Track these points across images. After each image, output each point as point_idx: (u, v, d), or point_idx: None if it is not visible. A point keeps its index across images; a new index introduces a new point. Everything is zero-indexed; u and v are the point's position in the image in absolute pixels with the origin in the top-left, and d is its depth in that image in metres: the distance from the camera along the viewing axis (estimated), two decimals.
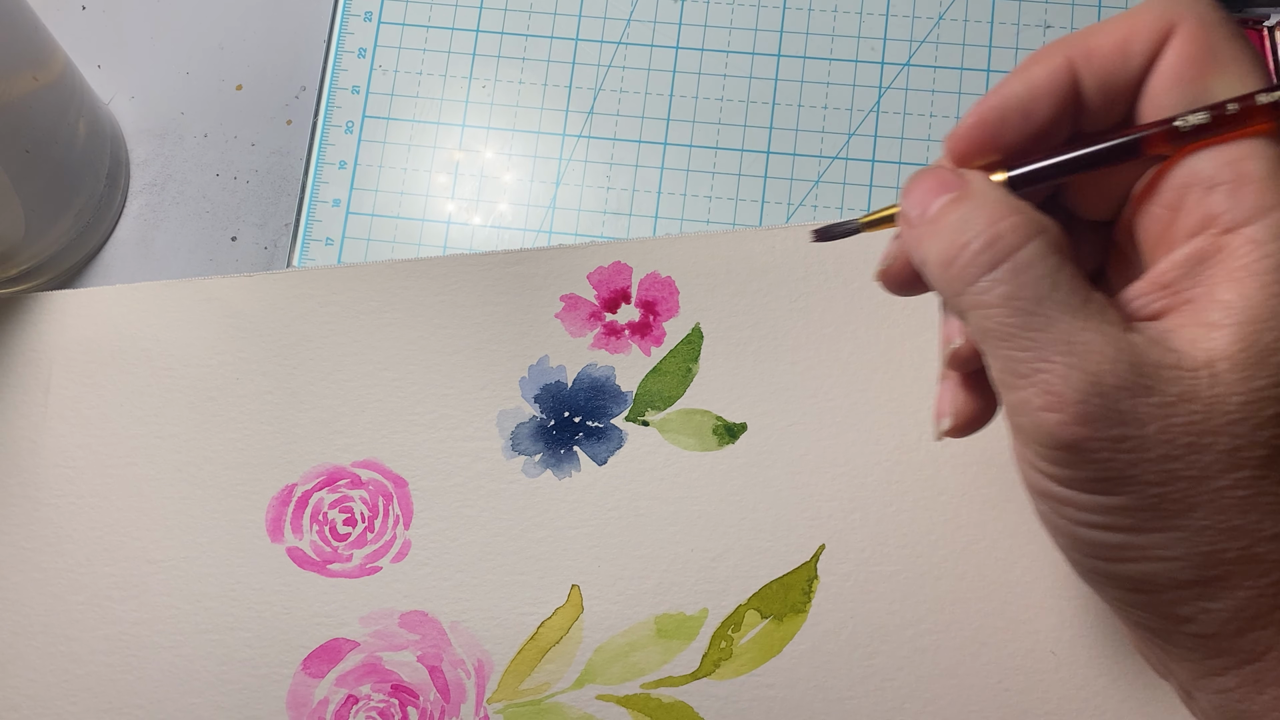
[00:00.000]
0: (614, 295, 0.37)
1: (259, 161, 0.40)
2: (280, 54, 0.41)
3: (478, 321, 0.37)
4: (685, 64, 0.39)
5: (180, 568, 0.36)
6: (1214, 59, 0.23)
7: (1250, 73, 0.23)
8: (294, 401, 0.36)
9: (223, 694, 0.35)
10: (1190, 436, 0.21)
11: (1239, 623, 0.22)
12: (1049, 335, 0.22)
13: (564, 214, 0.39)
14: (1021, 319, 0.22)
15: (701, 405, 0.36)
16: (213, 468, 0.36)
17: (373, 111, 0.40)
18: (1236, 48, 0.23)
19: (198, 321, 0.37)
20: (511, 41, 0.40)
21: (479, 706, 0.34)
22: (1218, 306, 0.22)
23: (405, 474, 0.36)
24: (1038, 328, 0.22)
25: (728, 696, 0.34)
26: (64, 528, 0.36)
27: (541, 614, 0.35)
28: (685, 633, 0.34)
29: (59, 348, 0.37)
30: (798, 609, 0.34)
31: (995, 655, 0.34)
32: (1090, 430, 0.22)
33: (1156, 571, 0.22)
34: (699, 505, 0.35)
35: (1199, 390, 0.21)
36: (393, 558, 0.35)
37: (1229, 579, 0.22)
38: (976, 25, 0.39)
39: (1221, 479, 0.21)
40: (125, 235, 0.40)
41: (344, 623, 0.35)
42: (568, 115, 0.39)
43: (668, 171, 0.39)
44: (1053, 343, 0.22)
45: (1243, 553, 0.22)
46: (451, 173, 0.39)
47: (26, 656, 0.35)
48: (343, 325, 0.37)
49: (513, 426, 0.36)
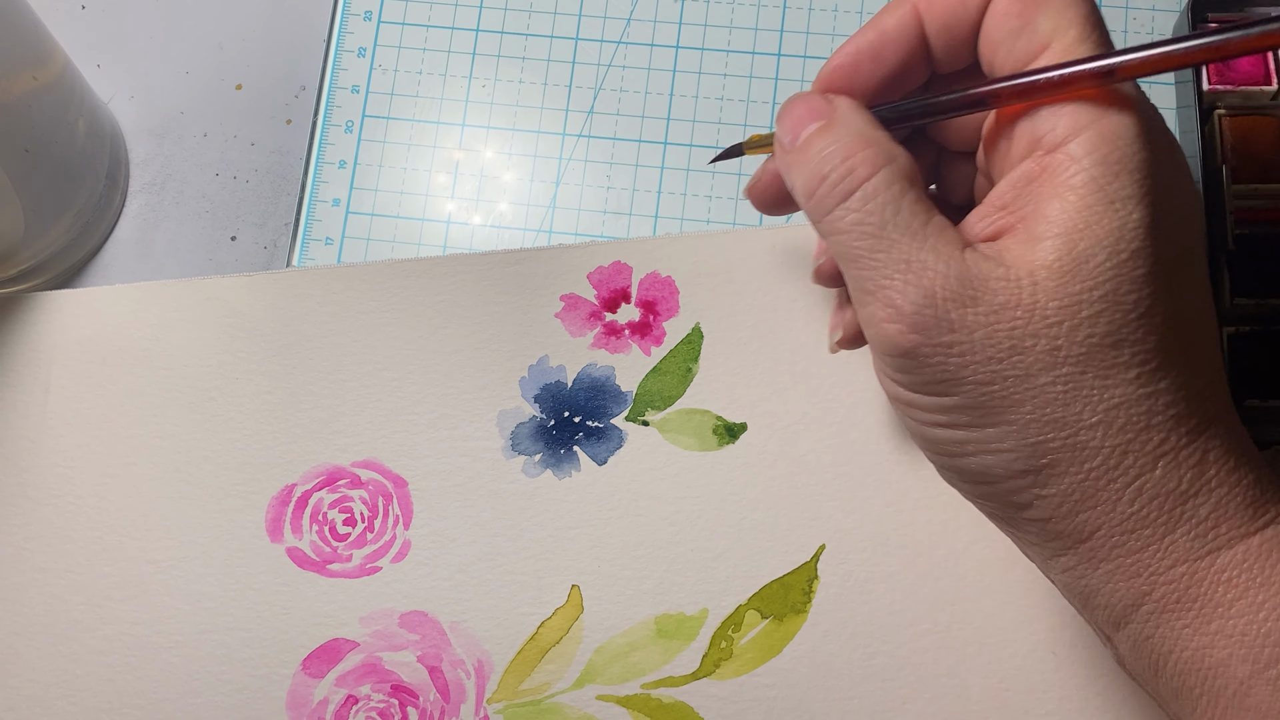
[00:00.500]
0: (614, 295, 0.37)
1: (259, 161, 0.40)
2: (280, 53, 0.41)
3: (478, 321, 0.37)
4: (685, 63, 0.39)
5: (180, 568, 0.35)
6: (1036, 3, 0.25)
7: (1072, 17, 0.25)
8: (293, 401, 0.36)
9: (222, 694, 0.35)
10: (1013, 339, 0.23)
11: (1069, 505, 0.24)
12: (891, 256, 0.25)
13: (564, 213, 0.39)
14: (868, 242, 0.25)
15: (701, 405, 0.36)
16: (212, 468, 0.36)
17: (372, 111, 0.40)
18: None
19: (197, 321, 0.37)
20: (511, 41, 0.40)
21: (479, 707, 0.34)
22: (1042, 220, 0.24)
23: (405, 474, 0.36)
24: (882, 249, 0.25)
25: (728, 697, 0.34)
26: (63, 528, 0.36)
27: (541, 614, 0.35)
28: (685, 633, 0.34)
29: (58, 347, 0.37)
30: (798, 609, 0.34)
31: (995, 655, 0.34)
32: (924, 337, 0.24)
33: (993, 464, 0.25)
34: (699, 505, 0.35)
35: (1021, 298, 0.23)
36: (393, 558, 0.35)
37: (1056, 466, 0.24)
38: None
39: (1043, 376, 0.24)
40: (125, 235, 0.40)
41: (344, 623, 0.35)
42: (568, 114, 0.39)
43: (668, 171, 0.39)
44: (894, 263, 0.24)
45: (1066, 441, 0.24)
46: (451, 172, 0.39)
47: (25, 656, 0.35)
48: (342, 325, 0.37)
49: (513, 426, 0.36)
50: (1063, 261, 0.23)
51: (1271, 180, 0.35)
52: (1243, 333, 0.34)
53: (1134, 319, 0.23)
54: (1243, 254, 0.34)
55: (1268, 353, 0.34)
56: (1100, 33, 0.25)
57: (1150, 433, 0.24)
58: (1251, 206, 0.35)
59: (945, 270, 0.24)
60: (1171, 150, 0.25)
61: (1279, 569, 0.23)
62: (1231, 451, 0.24)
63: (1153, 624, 0.24)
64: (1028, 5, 0.25)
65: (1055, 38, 0.25)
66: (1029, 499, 0.25)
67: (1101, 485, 0.24)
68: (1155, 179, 0.24)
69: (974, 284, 0.24)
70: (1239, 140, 0.35)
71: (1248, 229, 0.34)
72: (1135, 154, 0.24)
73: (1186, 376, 0.24)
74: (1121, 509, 0.24)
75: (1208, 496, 0.24)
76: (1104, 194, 0.23)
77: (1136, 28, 0.38)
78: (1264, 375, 0.34)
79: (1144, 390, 0.24)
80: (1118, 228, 0.23)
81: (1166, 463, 0.24)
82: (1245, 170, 0.35)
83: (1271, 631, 0.23)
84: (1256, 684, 0.23)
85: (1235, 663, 0.23)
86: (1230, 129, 0.35)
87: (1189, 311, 0.24)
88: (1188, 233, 0.24)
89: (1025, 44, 0.25)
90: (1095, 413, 0.24)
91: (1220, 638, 0.23)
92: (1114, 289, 0.23)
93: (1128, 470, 0.24)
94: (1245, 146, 0.35)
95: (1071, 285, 0.23)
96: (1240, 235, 0.34)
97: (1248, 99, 0.35)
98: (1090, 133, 0.24)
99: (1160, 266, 0.23)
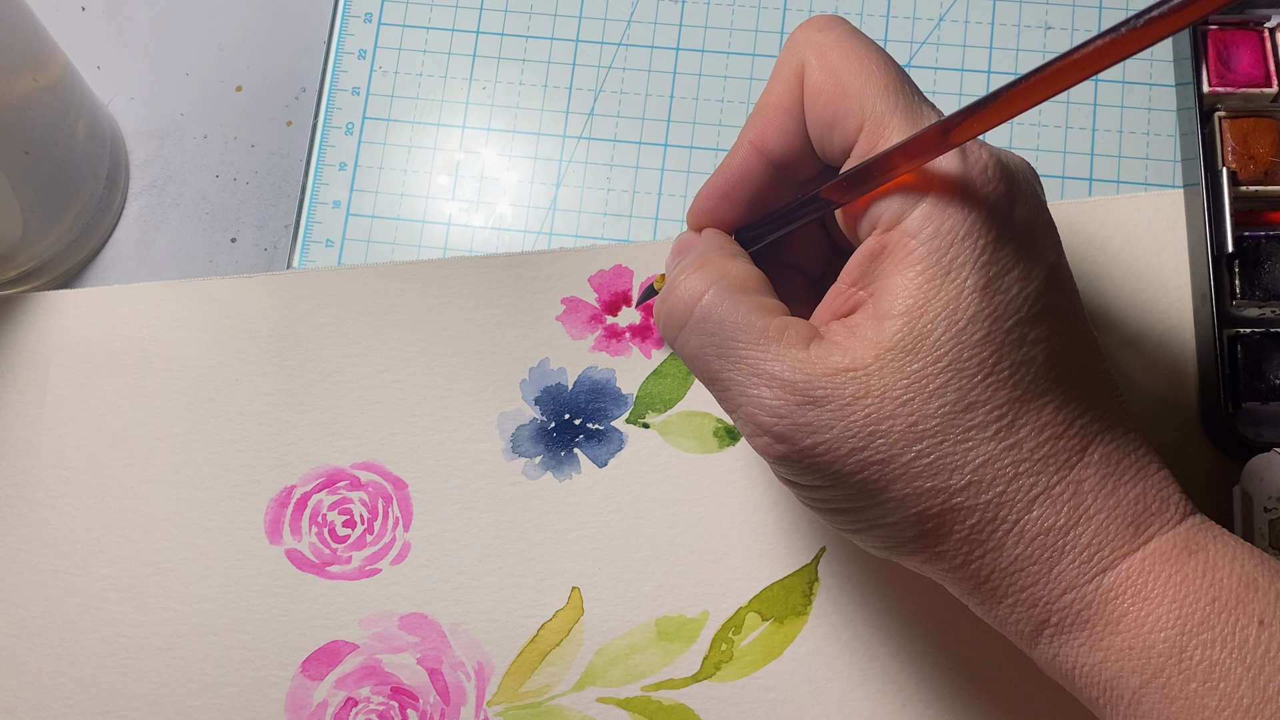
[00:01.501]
0: (615, 298, 0.37)
1: (259, 163, 0.40)
2: (280, 55, 0.41)
3: (478, 324, 0.37)
4: (686, 65, 0.39)
5: (178, 569, 0.35)
6: (838, 90, 0.26)
7: (874, 92, 0.26)
8: (293, 403, 0.36)
9: (221, 696, 0.34)
10: (870, 426, 0.25)
11: (960, 558, 0.25)
12: (739, 373, 0.26)
13: (564, 216, 0.39)
14: (717, 364, 0.26)
15: (702, 408, 0.36)
16: (211, 469, 0.36)
17: (373, 113, 0.40)
18: (860, 67, 0.26)
19: (197, 322, 0.37)
20: (512, 43, 0.40)
21: (479, 709, 0.34)
22: (887, 296, 0.25)
23: (405, 476, 0.36)
24: (729, 368, 0.26)
25: (728, 699, 0.34)
26: (60, 529, 0.36)
27: (542, 616, 0.35)
28: (686, 635, 0.34)
29: (56, 348, 0.37)
30: (798, 611, 0.34)
31: (995, 657, 0.34)
32: (789, 445, 0.25)
33: (887, 533, 0.26)
34: (699, 507, 0.35)
35: (870, 385, 0.24)
36: (392, 560, 0.35)
37: (942, 528, 0.25)
38: (977, 26, 0.39)
39: (906, 454, 0.25)
40: (125, 237, 0.40)
41: (343, 625, 0.35)
42: (568, 117, 0.39)
43: (668, 173, 0.39)
44: (744, 380, 0.26)
45: (943, 507, 0.25)
46: (452, 174, 0.39)
47: (22, 659, 0.35)
48: (343, 327, 0.37)
49: (513, 429, 0.36)
50: (905, 340, 0.24)
51: (1272, 182, 0.35)
52: (1242, 335, 0.34)
53: (980, 380, 0.24)
54: (1243, 256, 0.34)
55: (1268, 355, 0.34)
56: (904, 96, 0.26)
57: (1020, 480, 0.25)
58: (1251, 209, 0.35)
59: (791, 378, 0.25)
60: (1013, 189, 0.25)
61: (1159, 581, 0.24)
62: (1110, 474, 0.25)
63: (1055, 646, 0.25)
64: (830, 100, 0.26)
65: (865, 117, 0.26)
66: (928, 557, 0.26)
67: (985, 536, 0.25)
68: (990, 235, 0.24)
69: (821, 384, 0.25)
70: (1239, 142, 0.35)
71: (1247, 231, 0.34)
72: (968, 216, 0.24)
73: (1052, 414, 0.25)
74: (1007, 553, 0.25)
75: (1088, 524, 0.25)
76: (939, 265, 0.24)
77: None
78: (1264, 377, 0.34)
79: (1005, 443, 0.25)
80: (954, 297, 0.24)
81: (1042, 503, 0.25)
82: (1245, 172, 0.35)
83: (1154, 644, 0.24)
84: (1147, 693, 0.24)
85: (1127, 675, 0.24)
86: (1230, 131, 0.35)
87: (1048, 350, 0.25)
88: (1034, 276, 0.25)
89: (841, 135, 0.26)
90: (963, 476, 0.25)
91: (1112, 653, 0.24)
92: (955, 357, 0.24)
93: (1005, 520, 0.25)
94: (1245, 148, 0.35)
95: (914, 362, 0.24)
96: (1240, 237, 0.34)
97: (1248, 101, 0.35)
98: (925, 204, 0.24)
99: (999, 324, 0.24)
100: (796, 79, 0.27)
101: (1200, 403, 0.35)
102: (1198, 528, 0.25)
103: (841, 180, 0.26)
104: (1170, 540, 0.25)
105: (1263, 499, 0.32)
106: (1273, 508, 0.32)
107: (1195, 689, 0.23)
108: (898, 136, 0.25)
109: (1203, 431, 0.35)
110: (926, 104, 0.26)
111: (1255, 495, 0.32)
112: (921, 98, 0.26)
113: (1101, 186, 0.38)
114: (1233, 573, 0.24)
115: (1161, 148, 0.38)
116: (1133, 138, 0.38)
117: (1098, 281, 0.36)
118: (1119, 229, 0.36)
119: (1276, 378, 0.34)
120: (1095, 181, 0.38)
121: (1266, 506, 0.32)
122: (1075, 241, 0.36)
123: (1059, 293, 0.25)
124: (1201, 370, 0.35)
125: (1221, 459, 0.35)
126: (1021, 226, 0.25)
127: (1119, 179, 0.38)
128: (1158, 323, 0.36)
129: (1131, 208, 0.36)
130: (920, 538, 0.25)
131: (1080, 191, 0.38)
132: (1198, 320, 0.35)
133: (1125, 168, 0.38)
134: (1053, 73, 0.21)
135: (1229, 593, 0.24)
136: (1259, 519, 0.32)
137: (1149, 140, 0.38)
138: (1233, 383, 0.34)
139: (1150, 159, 0.38)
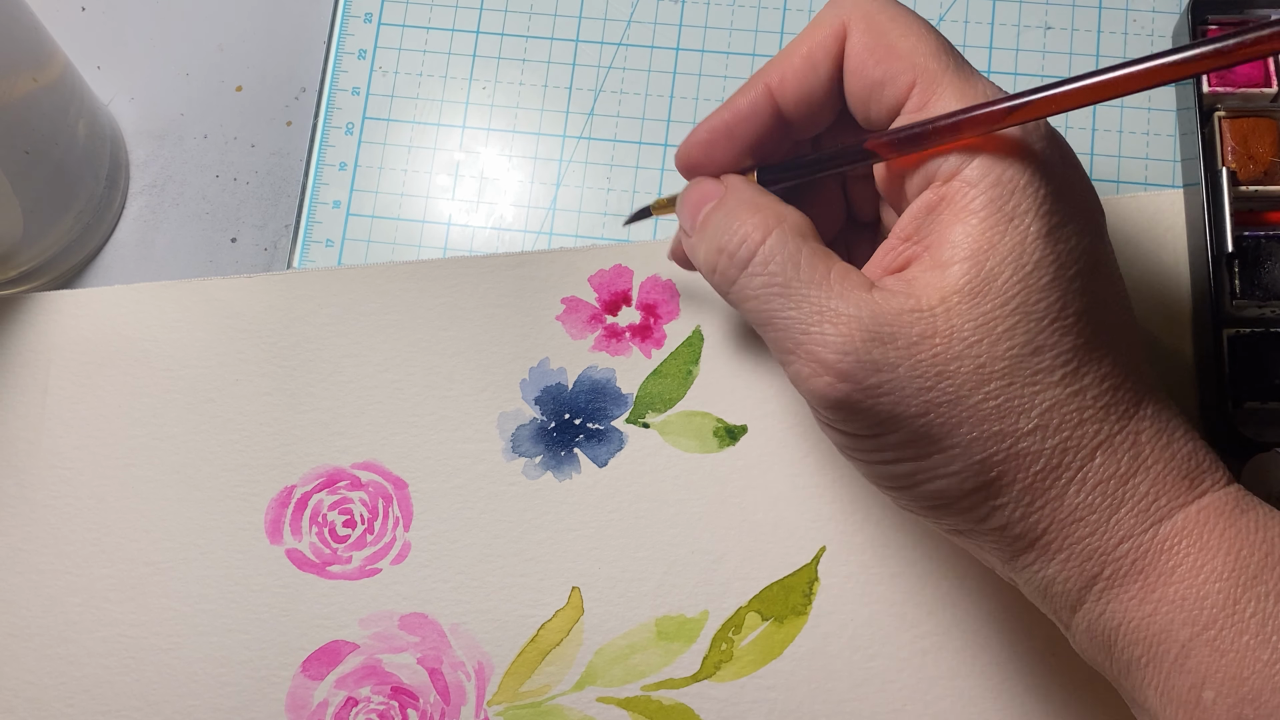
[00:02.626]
0: (615, 298, 0.37)
1: (259, 163, 0.40)
2: (280, 55, 0.41)
3: (478, 324, 0.37)
4: (686, 65, 0.39)
5: (179, 569, 0.35)
6: (888, 50, 0.26)
7: (925, 52, 0.26)
8: (293, 403, 0.36)
9: (221, 696, 0.34)
10: (938, 366, 0.24)
11: (1021, 509, 0.25)
12: (801, 312, 0.26)
13: (564, 215, 0.39)
14: (777, 303, 0.26)
15: (702, 407, 0.36)
16: (211, 469, 0.36)
17: (373, 113, 0.40)
18: (908, 30, 0.27)
19: (197, 322, 0.37)
20: (512, 43, 0.40)
21: (479, 709, 0.34)
22: (947, 246, 0.25)
23: (405, 476, 0.36)
24: (791, 307, 0.26)
25: (728, 699, 0.34)
26: (61, 529, 0.36)
27: (542, 616, 0.35)
28: (686, 635, 0.34)
29: (57, 348, 0.37)
30: (798, 611, 0.34)
31: (996, 657, 0.34)
32: (852, 385, 0.25)
33: (945, 487, 0.26)
34: (699, 507, 0.35)
35: (937, 325, 0.24)
36: (392, 559, 0.35)
37: (1004, 477, 0.25)
38: (977, 26, 0.39)
39: (973, 396, 0.24)
40: (125, 237, 0.40)
41: (343, 625, 0.35)
42: (568, 117, 0.39)
43: (668, 173, 0.39)
44: (806, 318, 0.25)
45: (1009, 452, 0.25)
46: (452, 174, 0.39)
47: (23, 659, 0.35)
48: (343, 327, 0.37)
49: (513, 428, 0.36)
50: (971, 283, 0.24)
51: (1272, 182, 0.35)
52: (1243, 334, 0.34)
53: (1047, 324, 0.25)
54: (1242, 256, 0.34)
55: (1267, 354, 0.34)
56: (953, 59, 0.26)
57: (1085, 426, 0.25)
58: (1251, 209, 0.35)
59: (858, 314, 0.25)
60: (1063, 153, 0.26)
61: (1214, 533, 0.24)
62: (1164, 429, 0.26)
63: (1104, 601, 0.25)
64: (880, 58, 0.27)
65: (918, 76, 0.26)
66: (985, 512, 0.26)
67: (1048, 485, 0.25)
68: (1049, 188, 0.25)
69: (888, 321, 0.25)
70: (1239, 142, 0.35)
71: (1247, 231, 0.34)
72: (1026, 169, 0.25)
73: (1110, 366, 0.25)
74: (1069, 502, 0.25)
75: (1146, 474, 0.25)
76: (1002, 213, 0.24)
77: (1136, 29, 0.38)
78: (1264, 377, 0.34)
79: (1071, 389, 0.25)
80: (1019, 242, 0.24)
81: (1104, 451, 0.25)
82: (1245, 172, 0.35)
83: (1208, 594, 0.24)
84: (1196, 645, 0.24)
85: (1176, 627, 0.24)
86: (1230, 131, 0.35)
87: (1102, 305, 0.25)
88: (1087, 231, 0.26)
89: (891, 92, 0.27)
90: (1030, 419, 0.25)
91: (1163, 604, 0.24)
92: (1024, 300, 0.24)
93: (1070, 466, 0.25)
94: (1245, 148, 0.35)
95: (982, 304, 0.24)
96: (1240, 237, 0.34)
97: (1248, 101, 0.35)
98: (983, 157, 0.25)
99: (1064, 271, 0.25)
100: (833, 37, 0.27)
101: (1200, 403, 0.35)
102: (1244, 492, 0.26)
103: (896, 136, 0.26)
104: (1223, 497, 0.25)
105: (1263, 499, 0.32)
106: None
107: (1247, 642, 0.23)
108: (950, 95, 0.25)
109: (1203, 431, 0.35)
110: (973, 69, 0.26)
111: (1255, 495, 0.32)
112: (967, 63, 0.27)
113: (1101, 186, 0.37)
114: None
115: (1161, 148, 0.38)
116: (1133, 137, 0.38)
117: None
118: (1119, 229, 0.36)
119: (1276, 377, 0.34)
120: (1095, 181, 0.37)
121: None
122: None
123: (1108, 254, 0.26)
124: (1201, 370, 0.35)
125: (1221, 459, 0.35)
126: (1075, 184, 0.25)
127: (1119, 179, 0.38)
128: (1157, 322, 0.36)
129: (1131, 208, 0.36)
130: (980, 489, 0.25)
131: None
132: (1197, 320, 0.35)
133: (1125, 168, 0.38)
134: (1125, 76, 0.22)
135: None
136: None
137: (1149, 140, 0.38)
138: (1233, 382, 0.34)
139: (1150, 159, 0.38)
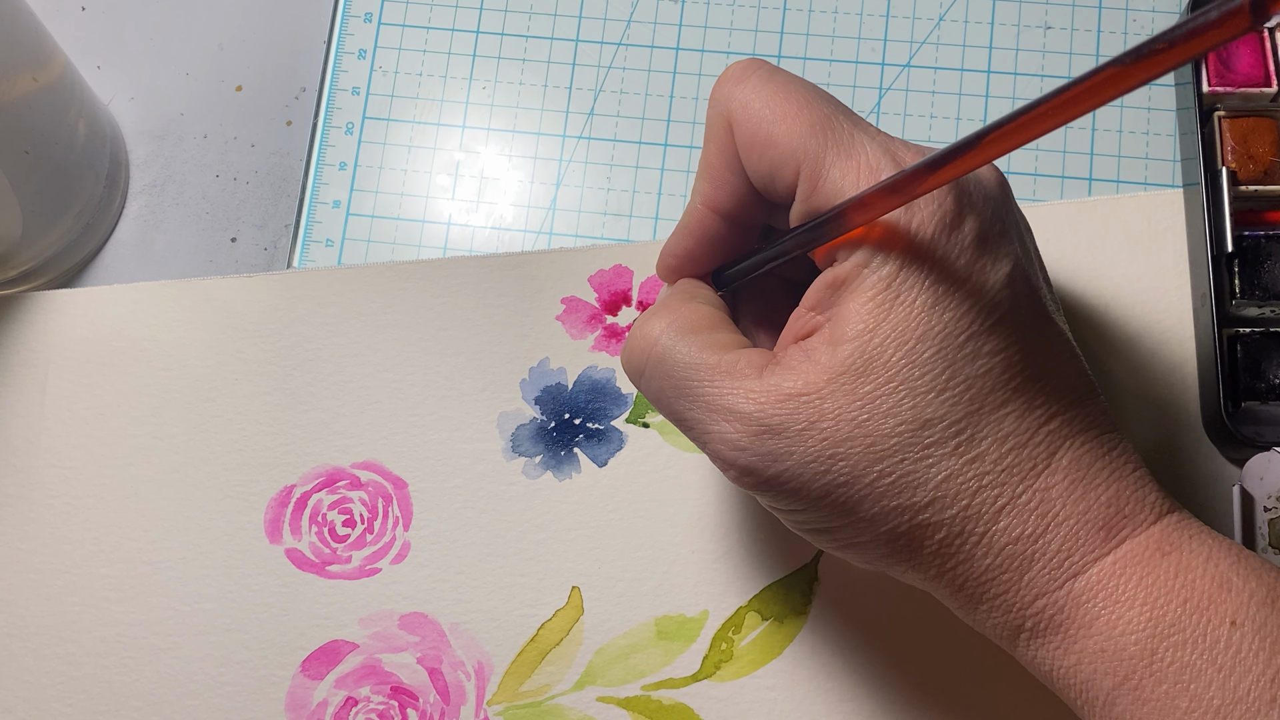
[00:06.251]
0: (615, 298, 0.37)
1: (259, 163, 0.40)
2: (280, 55, 0.41)
3: (478, 323, 0.37)
4: (686, 65, 0.39)
5: (178, 569, 0.35)
6: (767, 142, 0.26)
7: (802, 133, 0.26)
8: (293, 402, 0.36)
9: (221, 696, 0.34)
10: (829, 449, 0.25)
11: (934, 569, 0.26)
12: (700, 408, 0.26)
13: (564, 215, 0.39)
14: (679, 404, 0.27)
15: None
16: (211, 469, 0.36)
17: (373, 113, 0.40)
18: (784, 113, 0.26)
19: (197, 322, 0.37)
20: (512, 43, 0.40)
21: (479, 708, 0.34)
22: (842, 321, 0.25)
23: (405, 475, 0.36)
24: (690, 407, 0.27)
25: (728, 698, 0.34)
26: (60, 529, 0.36)
27: (542, 616, 0.35)
28: (686, 634, 0.34)
29: (56, 347, 0.37)
30: (799, 611, 0.34)
31: (997, 658, 0.34)
32: (756, 477, 0.26)
33: (863, 549, 0.26)
34: (699, 507, 0.35)
35: (825, 409, 0.25)
36: (392, 559, 0.35)
37: (912, 544, 0.25)
38: (977, 26, 0.39)
39: (868, 474, 0.25)
40: (125, 236, 0.40)
41: (343, 624, 0.35)
42: (568, 116, 0.39)
43: (668, 173, 0.39)
44: (706, 415, 0.26)
45: (910, 524, 0.25)
46: (452, 174, 0.39)
47: (22, 658, 0.35)
48: (343, 327, 0.37)
49: (513, 428, 0.36)
50: (856, 364, 0.25)
51: (1271, 182, 0.35)
52: (1242, 335, 0.34)
53: (933, 397, 0.24)
54: (1242, 256, 0.34)
55: (1268, 354, 0.34)
56: (832, 132, 0.26)
57: (984, 493, 0.25)
58: (1251, 208, 0.35)
59: (747, 409, 0.25)
60: (960, 204, 0.25)
61: (1130, 584, 0.24)
62: (1079, 479, 0.25)
63: (1032, 649, 0.26)
64: (763, 151, 0.27)
65: (800, 161, 0.26)
66: (904, 570, 0.26)
67: (954, 550, 0.25)
68: (937, 255, 0.25)
69: (776, 412, 0.25)
70: (1239, 142, 0.35)
71: (1247, 231, 0.34)
72: (914, 242, 0.25)
73: (1014, 424, 0.25)
74: (978, 563, 0.25)
75: (1057, 531, 0.25)
76: (890, 290, 0.25)
77: (1136, 29, 0.38)
78: (1264, 377, 0.34)
79: (966, 457, 0.25)
80: (904, 318, 0.24)
81: (1009, 514, 0.25)
82: (1245, 172, 0.35)
83: (1126, 646, 0.24)
84: (1119, 695, 0.24)
85: (1100, 677, 0.24)
86: (1230, 130, 0.35)
87: (1007, 360, 0.25)
88: (988, 289, 0.25)
89: (781, 182, 0.27)
90: (926, 493, 0.25)
91: (1085, 656, 0.25)
92: (907, 376, 0.24)
93: (973, 533, 0.25)
94: (1245, 148, 0.35)
95: (866, 384, 0.25)
96: (1240, 237, 0.34)
97: (1248, 100, 0.35)
98: (880, 233, 0.25)
99: (951, 340, 0.24)
100: (728, 135, 0.28)
101: (1200, 403, 0.35)
102: (1174, 527, 0.25)
103: (799, 235, 0.26)
104: (1143, 542, 0.25)
105: (1263, 499, 0.32)
106: (1273, 507, 0.32)
107: (1166, 690, 0.24)
108: (836, 172, 0.25)
109: (1203, 431, 0.35)
110: (860, 129, 0.26)
111: (1255, 495, 0.32)
112: (854, 123, 0.26)
113: (1101, 186, 0.38)
114: (1206, 573, 0.24)
115: (1161, 147, 0.38)
116: (1132, 137, 0.38)
117: (1097, 281, 0.36)
118: (1119, 229, 0.36)
119: (1276, 377, 0.34)
120: (1095, 181, 0.38)
121: (1266, 506, 0.32)
122: (1075, 241, 0.36)
123: (1020, 299, 0.25)
124: (1201, 370, 0.35)
125: (1221, 459, 0.35)
126: (973, 239, 0.25)
127: (1119, 179, 0.38)
128: (1157, 322, 0.36)
129: (1131, 207, 0.36)
130: (895, 553, 0.26)
131: (1080, 191, 0.38)
132: (1197, 320, 0.35)
133: (1125, 167, 0.38)
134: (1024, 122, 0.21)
135: (1201, 594, 0.24)
136: (1259, 518, 0.32)
137: (1149, 140, 0.38)
138: (1233, 382, 0.34)
139: (1150, 158, 0.38)
